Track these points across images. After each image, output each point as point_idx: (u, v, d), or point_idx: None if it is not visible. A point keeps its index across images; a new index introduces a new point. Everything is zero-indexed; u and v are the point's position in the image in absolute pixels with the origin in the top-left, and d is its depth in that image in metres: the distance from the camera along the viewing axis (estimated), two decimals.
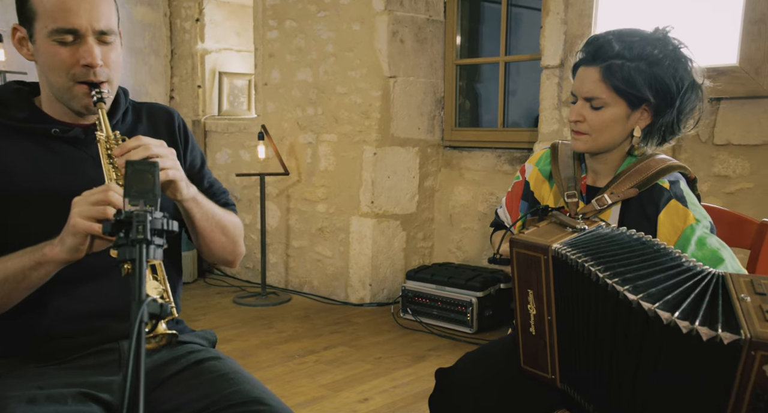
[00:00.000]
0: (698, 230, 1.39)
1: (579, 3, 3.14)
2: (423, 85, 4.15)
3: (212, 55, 5.24)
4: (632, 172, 1.49)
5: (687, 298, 1.09)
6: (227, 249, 1.45)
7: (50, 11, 1.26)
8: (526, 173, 1.69)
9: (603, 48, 1.43)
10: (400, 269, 4.20)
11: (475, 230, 4.10)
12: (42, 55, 1.30)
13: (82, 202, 1.14)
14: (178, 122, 1.52)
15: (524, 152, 3.87)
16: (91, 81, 1.29)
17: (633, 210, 1.47)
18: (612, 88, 1.42)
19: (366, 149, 4.04)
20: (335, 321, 3.85)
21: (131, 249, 0.95)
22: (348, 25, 4.09)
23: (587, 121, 1.47)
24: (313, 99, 4.30)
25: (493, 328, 3.64)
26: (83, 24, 1.26)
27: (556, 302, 1.31)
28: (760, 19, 2.70)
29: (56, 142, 1.36)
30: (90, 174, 1.33)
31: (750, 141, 2.76)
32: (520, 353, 1.41)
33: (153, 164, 1.04)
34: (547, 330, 1.34)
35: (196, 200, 1.33)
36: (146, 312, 0.87)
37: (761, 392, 1.03)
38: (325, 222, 4.30)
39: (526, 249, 1.34)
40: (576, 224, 1.39)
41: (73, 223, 1.13)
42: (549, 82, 3.34)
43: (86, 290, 1.31)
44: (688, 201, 1.43)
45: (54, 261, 1.18)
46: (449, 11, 4.16)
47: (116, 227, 0.96)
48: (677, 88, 1.42)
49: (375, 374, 3.03)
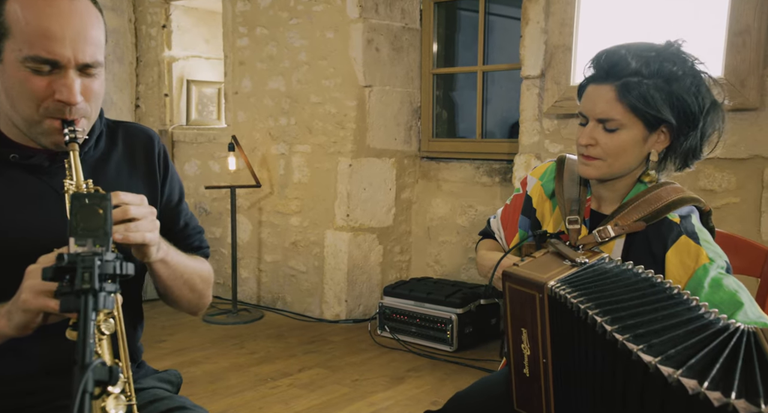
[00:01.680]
0: (712, 270, 1.25)
1: (560, 12, 3.05)
2: (399, 95, 4.04)
3: (180, 62, 5.07)
4: (640, 202, 1.34)
5: (715, 363, 0.94)
6: (192, 303, 1.30)
7: (28, 34, 1.06)
8: (528, 186, 1.55)
9: (618, 65, 1.28)
10: (377, 284, 4.07)
11: (454, 243, 4.00)
12: (9, 79, 1.10)
13: (37, 273, 0.94)
14: (158, 148, 1.34)
15: (503, 164, 3.77)
16: (65, 118, 1.10)
17: (638, 246, 1.33)
18: (629, 108, 1.28)
19: (341, 160, 3.91)
20: (310, 339, 3.70)
21: (75, 300, 0.81)
22: (321, 33, 3.97)
23: (600, 145, 1.32)
24: (285, 109, 4.16)
25: (474, 346, 3.53)
26: (66, 55, 1.07)
27: (552, 345, 1.20)
28: (745, 30, 2.64)
29: (14, 169, 1.17)
30: (53, 210, 1.15)
31: (736, 155, 2.70)
32: (513, 395, 1.30)
33: (103, 197, 0.89)
34: (542, 373, 1.22)
35: (164, 261, 1.16)
36: (91, 379, 0.73)
37: None
38: (299, 236, 4.15)
39: (520, 285, 1.22)
40: (576, 257, 1.26)
41: (24, 298, 0.95)
42: (529, 93, 3.25)
43: (34, 345, 1.11)
44: (701, 238, 1.29)
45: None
46: (425, 19, 4.06)
47: (58, 272, 0.81)
48: (699, 108, 1.28)
49: (352, 398, 2.89)
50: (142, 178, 1.29)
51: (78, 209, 0.87)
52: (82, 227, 0.87)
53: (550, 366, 1.20)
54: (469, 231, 3.93)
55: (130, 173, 1.28)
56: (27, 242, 1.11)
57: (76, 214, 0.87)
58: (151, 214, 1.08)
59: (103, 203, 0.88)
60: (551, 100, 3.08)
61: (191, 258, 1.29)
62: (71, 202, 0.88)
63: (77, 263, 0.79)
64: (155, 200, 1.30)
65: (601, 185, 1.42)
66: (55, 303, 0.93)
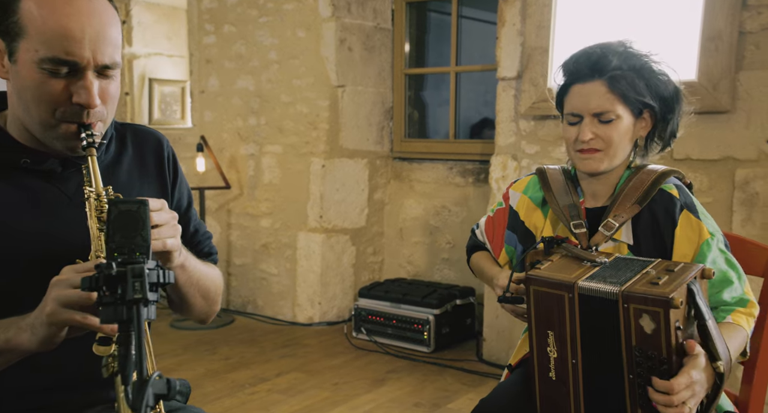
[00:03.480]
0: (713, 246, 1.35)
1: (537, 15, 3.08)
2: (371, 95, 4.01)
3: (141, 60, 4.94)
4: (628, 189, 1.43)
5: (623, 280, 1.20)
6: (203, 311, 1.26)
7: (45, 35, 1.00)
8: (512, 200, 1.60)
9: (600, 62, 1.38)
10: (350, 285, 4.04)
11: (427, 244, 4.00)
12: (23, 81, 1.04)
13: (64, 284, 0.90)
14: (167, 151, 1.29)
15: (476, 164, 3.80)
16: (82, 122, 1.05)
17: (644, 224, 1.40)
18: (620, 98, 1.38)
19: (314, 161, 3.87)
20: (284, 343, 3.65)
21: (118, 311, 0.76)
22: (293, 32, 3.91)
23: (600, 137, 1.40)
24: (255, 108, 4.09)
25: (451, 346, 3.53)
26: (85, 56, 1.01)
27: (582, 343, 1.20)
28: (717, 35, 2.72)
29: (26, 175, 1.11)
30: (66, 217, 1.10)
31: (709, 156, 2.77)
32: (537, 402, 1.29)
33: (142, 203, 0.85)
34: (570, 375, 1.22)
35: (183, 266, 1.12)
36: (152, 395, 0.69)
37: (643, 347, 1.11)
38: (270, 238, 4.09)
39: (547, 287, 1.22)
40: (595, 258, 1.29)
41: (49, 311, 0.90)
42: (505, 94, 3.27)
43: (43, 357, 1.04)
44: (699, 212, 1.40)
45: (19, 350, 0.95)
46: (397, 19, 4.05)
47: (100, 283, 0.77)
48: (670, 92, 1.41)
49: (334, 402, 2.86)
50: (153, 182, 1.25)
51: (116, 217, 0.82)
52: (121, 235, 0.82)
53: (580, 367, 1.20)
54: (442, 232, 3.93)
55: (141, 178, 1.23)
56: (40, 249, 1.06)
57: (113, 221, 0.82)
58: (173, 219, 1.04)
59: (141, 209, 0.84)
60: (529, 101, 3.11)
61: (204, 264, 1.25)
62: (108, 209, 0.83)
63: (127, 273, 0.74)
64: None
65: (595, 180, 1.48)
66: (82, 316, 0.89)
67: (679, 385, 1.09)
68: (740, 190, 2.71)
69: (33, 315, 0.94)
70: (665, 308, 1.08)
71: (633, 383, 1.15)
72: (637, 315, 1.12)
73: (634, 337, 1.13)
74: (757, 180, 2.67)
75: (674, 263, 1.23)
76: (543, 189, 1.53)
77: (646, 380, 1.13)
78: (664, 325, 1.09)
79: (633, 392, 1.16)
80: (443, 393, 2.97)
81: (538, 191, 1.55)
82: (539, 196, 1.55)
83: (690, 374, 1.11)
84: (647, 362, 1.12)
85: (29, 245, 1.07)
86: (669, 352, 1.10)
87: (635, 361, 1.13)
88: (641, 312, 1.11)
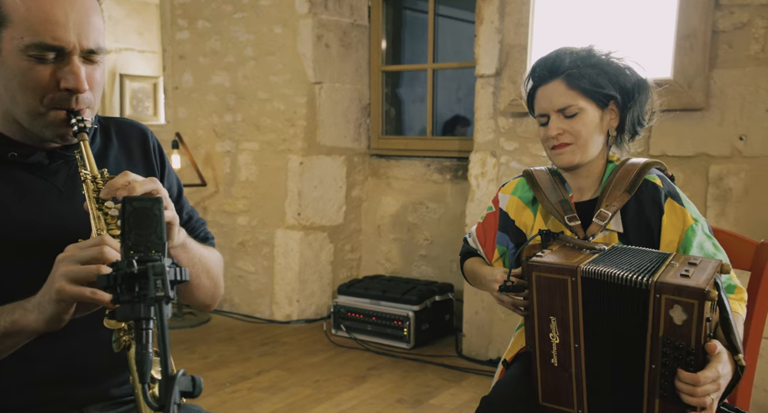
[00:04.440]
0: (698, 231, 1.43)
1: (515, 13, 3.11)
2: (349, 92, 4.01)
3: (111, 55, 4.85)
4: (616, 180, 1.50)
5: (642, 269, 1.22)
6: (209, 293, 1.26)
7: (30, 21, 1.00)
8: (501, 203, 1.65)
9: (555, 63, 1.49)
10: (328, 283, 4.03)
11: (405, 240, 4.01)
12: (9, 70, 1.03)
13: (70, 260, 0.90)
14: (152, 142, 1.29)
15: (454, 161, 3.82)
16: (71, 108, 1.05)
17: (632, 213, 1.47)
18: (580, 92, 1.46)
19: (292, 158, 3.85)
20: (263, 341, 3.63)
21: (135, 309, 0.75)
22: (269, 28, 3.88)
23: (567, 131, 1.49)
24: (231, 105, 4.05)
25: (430, 343, 3.55)
26: (71, 41, 1.02)
27: (585, 327, 1.23)
28: (692, 34, 2.78)
29: (13, 169, 1.10)
30: (55, 209, 1.09)
31: (684, 152, 2.84)
32: (538, 389, 1.31)
33: (156, 200, 0.84)
34: (573, 359, 1.25)
35: (185, 245, 1.13)
36: (178, 392, 0.68)
37: (671, 338, 1.12)
38: (247, 236, 4.05)
39: (550, 272, 1.25)
40: (594, 246, 1.34)
41: (58, 287, 0.89)
42: (484, 92, 3.30)
43: (41, 349, 1.04)
44: (683, 199, 1.47)
45: (27, 332, 0.94)
46: (374, 16, 4.05)
47: (117, 280, 0.76)
48: (632, 83, 1.49)
49: (317, 399, 2.85)
50: (141, 173, 1.23)
51: (130, 213, 0.81)
52: (135, 233, 0.81)
53: (582, 351, 1.23)
54: (420, 228, 3.95)
55: (129, 168, 1.22)
56: (32, 241, 1.05)
57: (128, 218, 0.81)
58: (163, 190, 1.06)
59: (155, 206, 0.83)
60: (508, 98, 3.14)
61: (204, 247, 1.25)
62: (122, 205, 0.82)
63: (148, 271, 0.74)
64: None
65: (577, 174, 1.55)
66: (90, 291, 0.89)
67: (705, 379, 1.12)
68: (714, 186, 2.78)
69: (39, 294, 0.93)
70: (701, 300, 1.10)
71: (654, 372, 1.17)
72: (668, 306, 1.13)
73: (662, 327, 1.14)
74: (730, 176, 2.74)
75: (692, 257, 1.27)
76: (532, 189, 1.60)
77: (672, 370, 1.15)
78: (696, 317, 1.11)
79: (653, 381, 1.17)
80: (425, 388, 2.98)
81: (528, 191, 1.61)
82: (529, 195, 1.61)
83: (717, 368, 1.13)
84: (674, 352, 1.13)
85: (21, 236, 1.06)
86: (697, 344, 1.12)
87: (661, 351, 1.15)
88: (673, 303, 1.12)
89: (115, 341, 0.92)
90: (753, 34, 2.67)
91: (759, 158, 2.68)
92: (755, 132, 2.68)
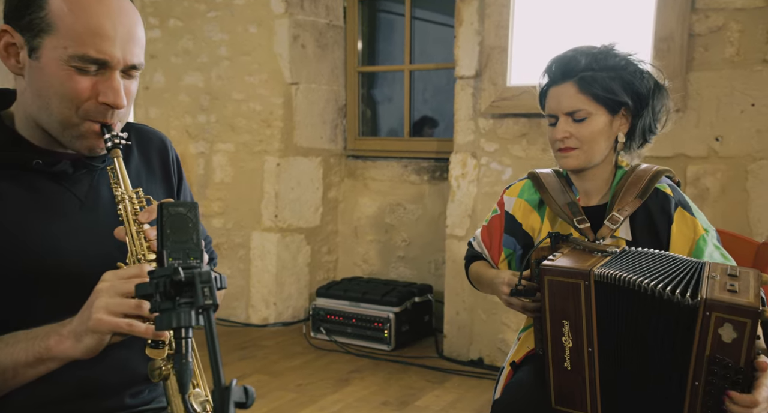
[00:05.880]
0: (709, 242, 1.43)
1: (495, 14, 3.13)
2: (325, 93, 3.98)
3: None
4: (628, 185, 1.50)
5: (676, 279, 1.20)
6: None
7: (76, 31, 0.97)
8: (507, 205, 1.64)
9: (569, 64, 1.47)
10: (305, 285, 3.99)
11: (382, 242, 4.00)
12: (47, 79, 1.00)
13: (110, 292, 0.88)
14: (172, 153, 1.26)
15: (431, 162, 3.83)
16: (105, 122, 1.02)
17: (641, 220, 1.47)
18: (591, 97, 1.45)
19: (268, 159, 3.80)
20: (241, 345, 3.57)
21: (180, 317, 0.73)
22: (244, 28, 3.83)
23: (574, 135, 1.47)
24: (205, 106, 3.97)
25: (410, 344, 3.55)
26: (116, 56, 0.99)
27: (598, 331, 1.23)
28: (669, 36, 2.84)
29: (37, 177, 1.05)
30: (77, 220, 1.05)
31: (662, 153, 2.89)
32: (551, 392, 1.31)
33: (193, 206, 0.81)
34: (586, 363, 1.25)
35: None
36: (232, 404, 0.66)
37: (719, 356, 1.10)
38: (222, 238, 3.99)
39: (563, 276, 1.25)
40: (605, 248, 1.34)
41: (97, 319, 0.87)
42: (464, 93, 3.31)
43: (62, 369, 0.99)
44: (693, 209, 1.47)
45: (60, 358, 0.91)
46: (349, 17, 4.03)
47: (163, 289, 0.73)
48: (647, 89, 1.48)
49: (301, 403, 2.82)
50: (160, 184, 1.21)
51: (167, 220, 0.79)
52: (173, 240, 0.78)
53: (596, 354, 1.23)
54: (398, 229, 3.95)
55: (149, 180, 1.20)
56: (51, 253, 1.02)
57: (165, 225, 0.78)
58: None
59: (192, 212, 0.80)
60: (488, 100, 3.16)
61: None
62: (159, 212, 0.79)
63: (195, 278, 0.71)
64: None
65: (584, 177, 1.54)
66: (128, 323, 0.87)
67: (763, 400, 1.10)
68: (692, 186, 2.84)
69: (76, 321, 0.90)
70: (754, 319, 1.08)
71: (697, 389, 1.14)
72: (718, 324, 1.10)
73: (709, 345, 1.11)
74: (707, 176, 2.81)
75: (730, 266, 1.25)
76: (539, 192, 1.58)
77: (718, 388, 1.12)
78: (748, 335, 1.09)
79: (694, 397, 1.15)
80: (409, 390, 2.97)
81: (534, 193, 1.60)
82: (535, 198, 1.59)
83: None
84: (722, 371, 1.10)
85: (41, 249, 1.02)
86: (747, 362, 1.10)
87: (707, 369, 1.12)
88: (723, 321, 1.09)
89: (156, 369, 0.90)
90: (728, 38, 2.74)
91: (734, 158, 2.75)
92: (731, 133, 2.75)
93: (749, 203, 2.73)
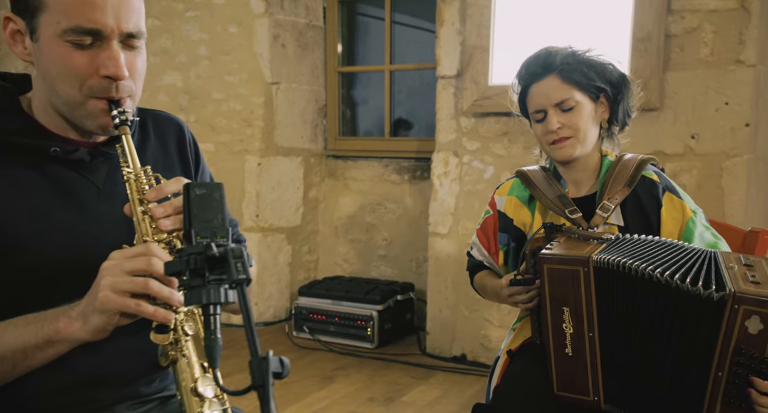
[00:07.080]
0: (698, 223, 1.49)
1: (477, 15, 3.18)
2: (305, 93, 3.98)
3: None
4: (616, 174, 1.55)
5: (692, 270, 1.22)
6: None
7: (66, 4, 0.95)
8: (499, 205, 1.68)
9: (548, 60, 1.56)
10: (286, 285, 3.99)
11: (363, 241, 4.01)
12: (47, 59, 0.99)
13: (115, 270, 0.87)
14: (188, 137, 1.24)
15: (412, 162, 3.86)
16: (111, 97, 1.00)
17: (632, 207, 1.52)
18: (575, 85, 1.53)
19: (249, 159, 3.79)
20: (224, 345, 3.50)
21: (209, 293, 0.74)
22: (223, 27, 3.82)
23: (566, 124, 1.53)
24: (184, 105, 3.95)
25: (393, 341, 3.57)
26: (109, 23, 0.97)
27: (598, 315, 1.26)
28: (647, 37, 2.91)
29: (53, 164, 1.04)
30: (95, 209, 1.04)
31: (639, 150, 2.91)
32: (553, 379, 1.33)
33: (218, 186, 0.82)
34: (587, 348, 1.28)
35: None
36: (270, 373, 0.68)
37: (745, 347, 1.11)
38: None
39: (561, 264, 1.28)
40: (601, 235, 1.38)
41: (103, 298, 0.86)
42: (445, 92, 3.34)
43: (74, 355, 0.98)
44: (679, 192, 1.54)
45: (69, 340, 0.91)
46: (329, 17, 4.05)
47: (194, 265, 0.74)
48: (617, 77, 1.59)
49: (288, 401, 2.82)
50: (177, 170, 1.21)
51: (193, 199, 0.80)
52: (199, 219, 0.79)
53: (597, 339, 1.26)
54: (379, 229, 3.96)
55: (166, 165, 1.18)
56: (69, 243, 1.02)
57: (192, 204, 0.79)
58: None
59: (217, 192, 0.81)
60: (470, 99, 3.20)
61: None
62: (185, 192, 0.80)
63: (228, 254, 0.72)
64: None
65: (574, 167, 1.60)
66: (135, 303, 0.87)
67: None
68: None
69: (83, 304, 0.90)
70: None
71: (720, 379, 1.16)
72: (745, 316, 1.11)
73: (735, 337, 1.13)
74: (684, 173, 2.88)
75: (742, 255, 1.27)
76: (528, 187, 1.63)
77: (742, 378, 1.14)
78: None
79: (716, 388, 1.16)
80: (395, 386, 2.99)
81: (524, 190, 1.65)
82: (525, 194, 1.64)
83: None
84: (748, 362, 1.12)
85: (59, 237, 1.02)
86: None
87: (732, 360, 1.14)
88: (751, 314, 1.11)
89: (163, 355, 0.90)
90: (702, 39, 2.82)
91: (709, 155, 2.83)
92: (706, 131, 2.83)
93: (724, 199, 2.81)
